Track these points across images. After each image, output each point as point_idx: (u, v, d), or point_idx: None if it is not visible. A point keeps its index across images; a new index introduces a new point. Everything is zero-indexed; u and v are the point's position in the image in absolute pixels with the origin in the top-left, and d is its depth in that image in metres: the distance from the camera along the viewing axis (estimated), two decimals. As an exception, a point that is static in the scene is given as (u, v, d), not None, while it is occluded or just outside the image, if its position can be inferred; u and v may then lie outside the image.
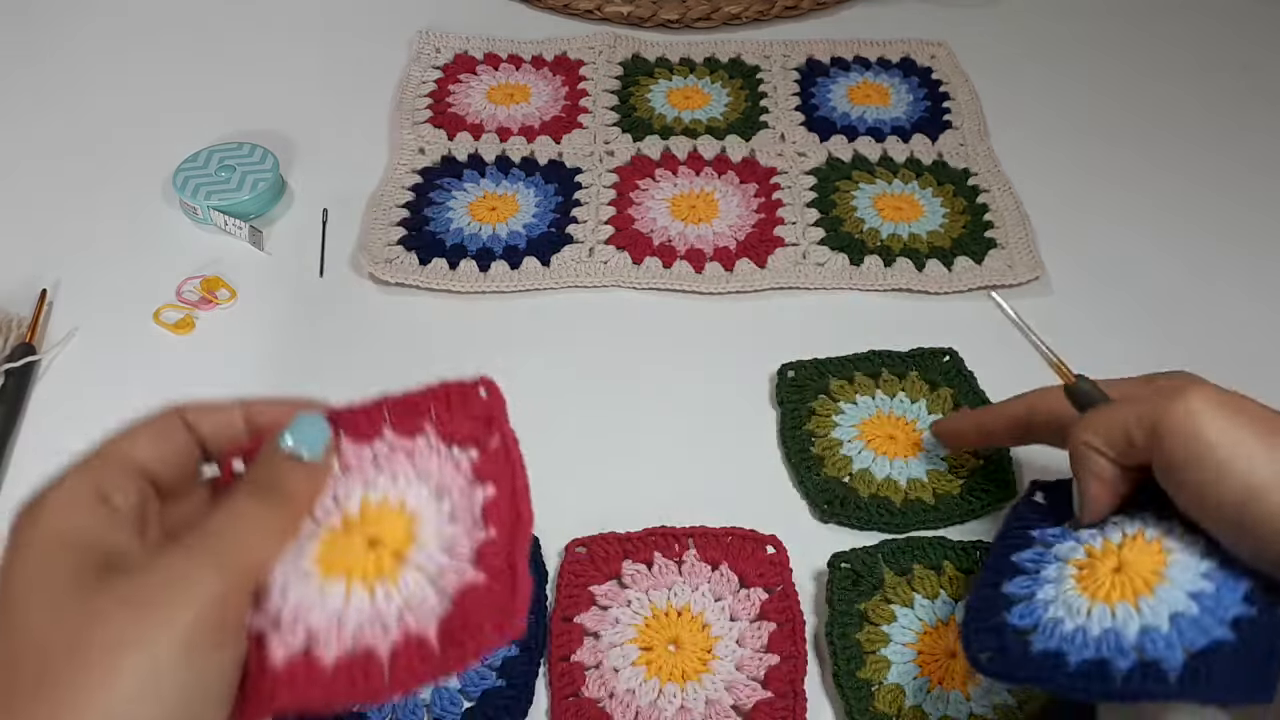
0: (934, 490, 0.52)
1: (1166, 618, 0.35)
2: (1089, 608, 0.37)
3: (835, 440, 0.54)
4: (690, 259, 0.64)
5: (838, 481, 0.53)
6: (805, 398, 0.56)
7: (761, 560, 0.49)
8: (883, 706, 0.44)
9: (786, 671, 0.45)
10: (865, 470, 0.53)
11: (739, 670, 0.45)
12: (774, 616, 0.47)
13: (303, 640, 0.31)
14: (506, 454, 0.35)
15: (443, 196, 0.68)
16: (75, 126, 0.73)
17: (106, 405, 0.56)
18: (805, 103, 0.76)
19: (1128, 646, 0.35)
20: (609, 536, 0.49)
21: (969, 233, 0.66)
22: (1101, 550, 0.39)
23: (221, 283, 0.62)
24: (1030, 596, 0.40)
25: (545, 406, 0.56)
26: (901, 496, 0.52)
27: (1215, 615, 0.35)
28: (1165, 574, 0.37)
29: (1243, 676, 0.33)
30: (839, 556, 0.49)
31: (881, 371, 0.57)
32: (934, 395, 0.56)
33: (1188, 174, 0.72)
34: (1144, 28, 0.85)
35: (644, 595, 0.48)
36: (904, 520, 0.51)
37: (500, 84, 0.77)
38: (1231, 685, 0.33)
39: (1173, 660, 0.34)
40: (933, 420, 0.54)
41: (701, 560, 0.49)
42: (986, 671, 0.39)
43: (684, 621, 0.47)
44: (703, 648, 0.46)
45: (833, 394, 0.56)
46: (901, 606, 0.48)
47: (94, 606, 0.29)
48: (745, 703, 0.44)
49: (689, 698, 0.45)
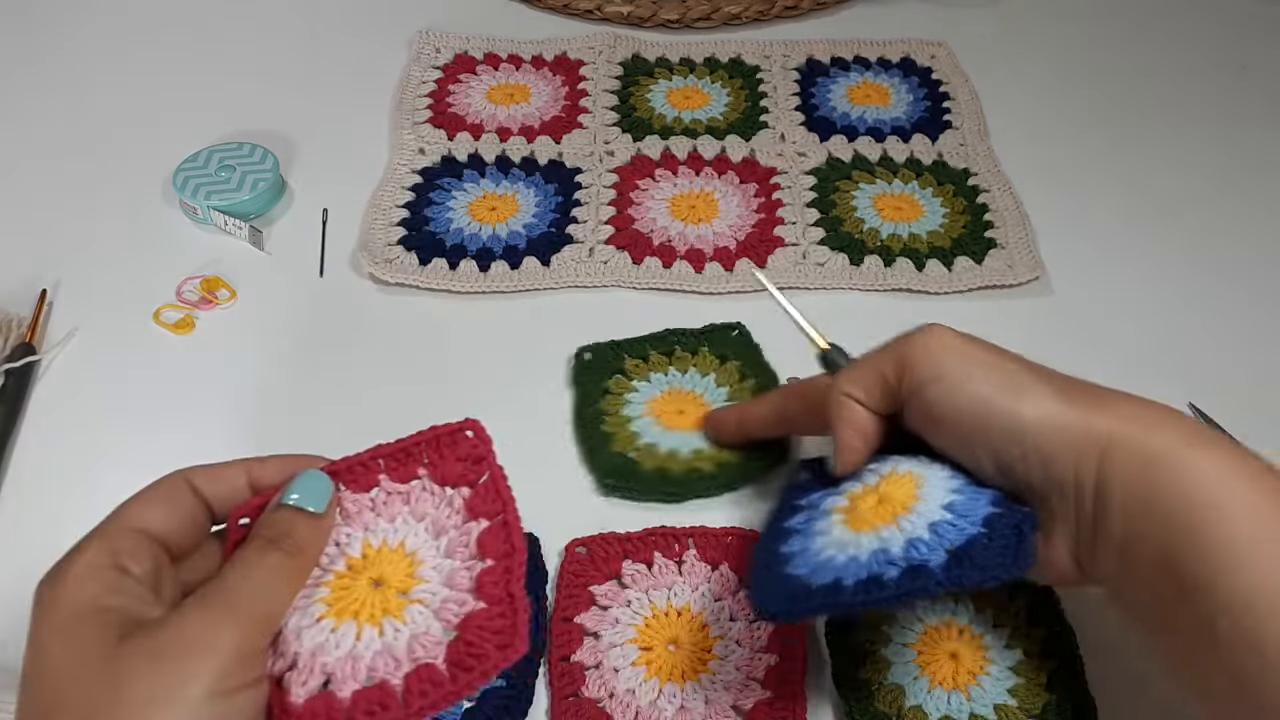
0: (715, 459, 0.53)
1: (925, 527, 0.39)
2: (857, 539, 0.40)
3: (625, 417, 0.55)
4: (690, 259, 0.64)
5: (622, 456, 0.53)
6: (600, 378, 0.57)
7: None
8: (883, 706, 0.44)
9: (786, 671, 0.45)
10: (652, 445, 0.54)
11: (739, 670, 0.45)
12: None
13: (320, 679, 0.34)
14: (496, 490, 0.38)
15: (443, 197, 0.68)
16: (75, 126, 0.73)
17: (106, 405, 0.56)
18: (805, 103, 0.76)
19: (896, 558, 0.38)
20: (609, 536, 0.50)
21: (969, 233, 0.66)
22: (861, 492, 0.43)
23: (221, 283, 0.62)
24: (804, 550, 0.42)
25: (545, 406, 0.56)
26: (683, 467, 0.52)
27: (968, 518, 0.39)
28: (920, 494, 0.41)
29: (996, 557, 0.37)
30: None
31: (675, 349, 0.58)
32: (723, 369, 0.58)
33: (1188, 174, 0.72)
34: (1144, 28, 0.85)
35: (644, 595, 0.48)
36: (683, 489, 0.52)
37: (500, 84, 0.77)
38: (988, 566, 0.37)
39: (936, 559, 0.38)
40: (720, 393, 0.56)
41: (701, 560, 0.49)
42: (775, 618, 0.43)
43: (684, 621, 0.47)
44: (702, 648, 0.46)
45: (628, 373, 0.57)
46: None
47: (122, 667, 0.31)
48: (745, 702, 0.44)
49: (689, 698, 0.45)
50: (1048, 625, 0.47)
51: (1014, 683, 0.45)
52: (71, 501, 0.52)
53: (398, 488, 0.38)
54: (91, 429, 0.55)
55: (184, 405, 0.56)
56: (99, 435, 0.55)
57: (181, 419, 0.55)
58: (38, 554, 0.50)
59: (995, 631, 0.47)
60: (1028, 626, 0.47)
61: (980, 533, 0.38)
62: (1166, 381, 0.58)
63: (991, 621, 0.47)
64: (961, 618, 0.47)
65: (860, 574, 0.39)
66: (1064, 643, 0.46)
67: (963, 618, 0.47)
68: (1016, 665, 0.46)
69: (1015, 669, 0.45)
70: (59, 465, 0.53)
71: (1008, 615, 0.47)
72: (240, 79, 0.77)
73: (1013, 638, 0.46)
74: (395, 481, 0.38)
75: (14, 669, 0.45)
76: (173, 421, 0.55)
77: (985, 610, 0.47)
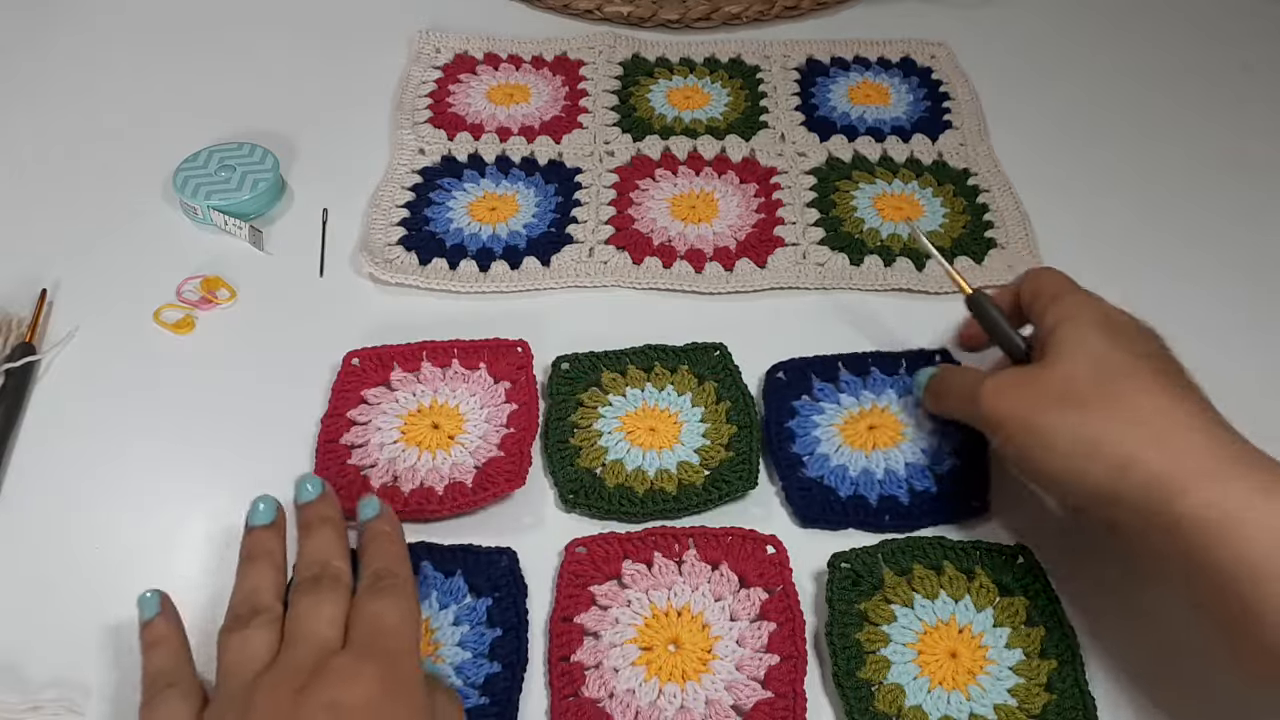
0: (679, 480, 0.52)
1: (903, 464, 0.53)
2: (854, 455, 0.54)
3: (596, 432, 0.55)
4: (690, 259, 0.64)
5: (588, 472, 0.53)
6: (575, 390, 0.56)
7: (762, 560, 0.49)
8: (883, 706, 0.44)
9: (786, 672, 0.45)
10: (618, 461, 0.53)
11: (739, 670, 0.45)
12: (774, 616, 0.47)
13: (391, 477, 0.52)
14: (528, 385, 0.56)
15: (443, 196, 0.68)
16: (75, 127, 0.73)
17: (106, 405, 0.57)
18: (805, 103, 0.76)
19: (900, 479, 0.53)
20: (609, 536, 0.50)
21: (969, 233, 0.66)
22: (858, 414, 0.56)
23: (221, 283, 0.62)
24: (811, 452, 0.54)
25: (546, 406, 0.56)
26: (646, 486, 0.52)
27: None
28: (903, 434, 0.55)
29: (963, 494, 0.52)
30: (839, 556, 0.49)
31: (654, 365, 0.58)
32: (700, 389, 0.56)
33: (1188, 173, 0.72)
34: (1144, 28, 0.85)
35: (644, 595, 0.48)
36: (643, 509, 0.51)
37: (500, 84, 0.77)
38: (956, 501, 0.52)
39: (923, 485, 0.53)
40: (695, 413, 0.55)
41: (701, 560, 0.49)
42: (814, 525, 0.52)
43: (684, 621, 0.47)
44: (703, 648, 0.46)
45: (604, 386, 0.57)
46: (901, 606, 0.47)
47: None
48: (745, 703, 0.44)
49: (689, 698, 0.44)
50: (1047, 625, 0.47)
51: (1014, 682, 0.45)
52: (72, 501, 0.52)
53: (463, 371, 0.57)
54: (91, 429, 0.55)
55: (184, 405, 0.56)
56: (99, 435, 0.55)
57: (181, 419, 0.55)
58: (38, 554, 0.50)
59: (995, 631, 0.47)
60: (1027, 626, 0.47)
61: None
62: (1166, 381, 0.58)
63: (992, 621, 0.47)
64: (961, 617, 0.47)
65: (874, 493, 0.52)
66: (1064, 642, 0.46)
67: (963, 617, 0.47)
68: (1017, 665, 0.46)
69: (1015, 669, 0.45)
70: (59, 465, 0.53)
71: (1008, 615, 0.47)
72: (240, 79, 0.77)
73: (1013, 637, 0.46)
74: (464, 367, 0.57)
75: (14, 669, 0.45)
76: (172, 421, 0.55)
77: (985, 610, 0.47)
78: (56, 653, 0.46)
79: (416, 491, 0.51)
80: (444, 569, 0.48)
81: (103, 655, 0.46)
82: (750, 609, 0.47)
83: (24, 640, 0.47)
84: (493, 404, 0.55)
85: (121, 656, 0.46)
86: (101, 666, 0.46)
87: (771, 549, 0.49)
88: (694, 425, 0.55)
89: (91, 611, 0.47)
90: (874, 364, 0.58)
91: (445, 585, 0.48)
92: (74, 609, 0.48)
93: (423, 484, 0.51)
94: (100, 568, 0.49)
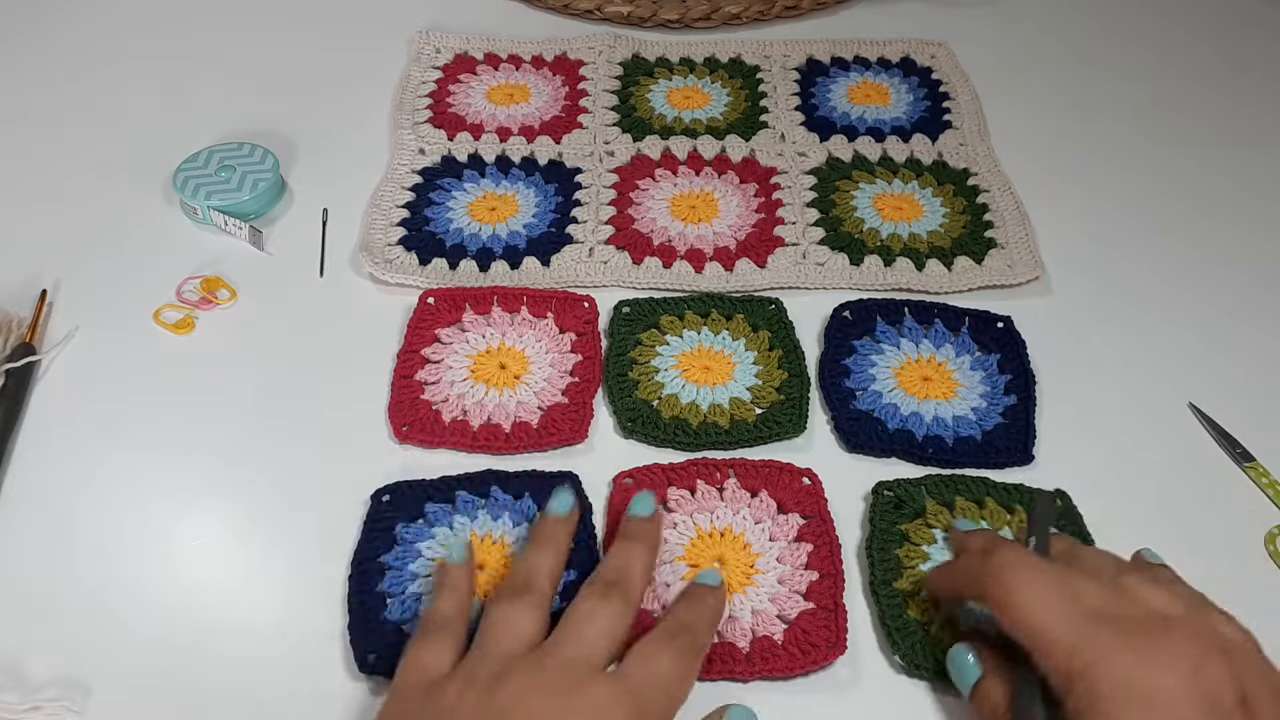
0: (732, 415, 0.55)
1: (951, 415, 0.55)
2: (907, 399, 0.56)
3: (653, 368, 0.58)
4: (690, 259, 0.64)
5: (645, 403, 0.56)
6: (635, 330, 0.59)
7: (798, 490, 0.52)
8: (916, 615, 0.47)
9: (827, 587, 0.48)
10: (673, 395, 0.56)
11: (780, 584, 0.48)
12: (811, 539, 0.50)
13: (459, 412, 0.55)
14: (593, 339, 0.59)
15: (443, 196, 0.68)
16: (75, 126, 0.73)
17: (107, 405, 0.56)
18: (805, 103, 0.76)
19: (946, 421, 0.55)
20: (654, 467, 0.53)
21: (969, 233, 0.66)
22: (915, 362, 0.58)
23: (221, 283, 0.62)
24: (865, 388, 0.57)
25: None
26: (700, 419, 0.55)
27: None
28: (956, 393, 0.56)
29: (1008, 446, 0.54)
30: (884, 484, 0.52)
31: (711, 312, 0.60)
32: (755, 336, 0.59)
33: (1188, 173, 0.72)
34: (1145, 27, 0.85)
35: (689, 518, 0.51)
36: (696, 440, 0.54)
37: (500, 84, 0.77)
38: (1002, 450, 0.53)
39: (969, 433, 0.54)
40: (748, 357, 0.58)
41: (741, 489, 0.52)
42: (860, 451, 0.54)
43: (727, 541, 0.50)
44: (746, 564, 0.49)
45: (662, 328, 0.59)
46: (943, 530, 0.50)
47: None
48: (789, 612, 0.47)
49: (736, 608, 0.47)
50: None
51: None
52: (72, 501, 0.52)
53: (531, 319, 0.59)
54: (92, 429, 0.55)
55: (184, 405, 0.56)
56: (99, 435, 0.55)
57: (181, 419, 0.55)
58: (38, 554, 0.50)
59: None
60: None
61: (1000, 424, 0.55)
62: (1166, 382, 0.59)
63: None
64: None
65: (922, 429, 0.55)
66: None
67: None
68: None
69: None
70: (59, 465, 0.53)
71: None
72: (240, 79, 0.77)
73: None
74: (532, 315, 0.60)
75: (14, 669, 0.45)
76: (173, 422, 0.55)
77: None
78: (56, 653, 0.46)
79: (485, 427, 0.54)
80: (512, 491, 0.51)
81: (103, 655, 0.46)
82: (789, 531, 0.50)
83: (24, 640, 0.47)
84: (558, 350, 0.58)
85: (122, 657, 0.46)
86: (101, 666, 0.46)
87: (807, 480, 0.52)
88: (747, 366, 0.58)
89: (91, 611, 0.47)
90: (939, 315, 0.60)
91: (516, 506, 0.51)
92: (74, 609, 0.48)
93: (490, 419, 0.54)
94: (100, 568, 0.49)
